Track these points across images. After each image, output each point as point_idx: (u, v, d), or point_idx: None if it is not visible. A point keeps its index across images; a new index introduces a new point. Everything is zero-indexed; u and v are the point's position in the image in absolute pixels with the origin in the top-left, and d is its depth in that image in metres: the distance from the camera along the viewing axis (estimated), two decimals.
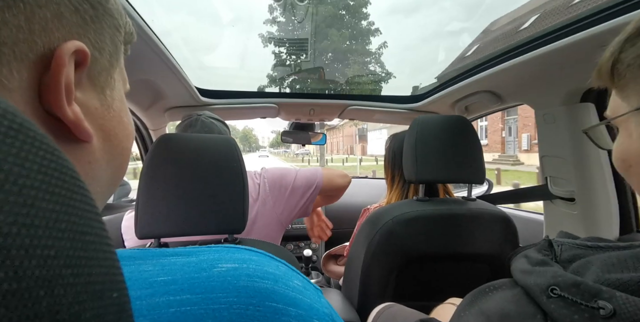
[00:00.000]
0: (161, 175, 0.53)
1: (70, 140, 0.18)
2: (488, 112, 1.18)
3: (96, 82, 0.20)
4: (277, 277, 0.20)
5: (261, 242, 0.62)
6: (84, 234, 0.11)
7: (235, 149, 0.58)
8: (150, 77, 0.87)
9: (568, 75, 0.73)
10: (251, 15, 9.76)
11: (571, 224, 0.87)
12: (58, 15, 0.17)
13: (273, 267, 0.21)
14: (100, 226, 0.12)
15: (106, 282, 0.11)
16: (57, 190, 0.10)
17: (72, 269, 0.10)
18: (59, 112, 0.17)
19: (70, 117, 0.17)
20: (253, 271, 0.19)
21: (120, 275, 0.12)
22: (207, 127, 0.79)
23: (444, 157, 0.79)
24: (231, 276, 0.18)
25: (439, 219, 0.78)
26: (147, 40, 0.65)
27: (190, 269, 0.19)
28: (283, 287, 0.19)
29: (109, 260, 0.12)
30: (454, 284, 0.82)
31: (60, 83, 0.16)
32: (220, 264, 0.19)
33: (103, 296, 0.11)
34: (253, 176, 0.82)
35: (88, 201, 0.11)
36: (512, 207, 1.29)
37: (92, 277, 0.10)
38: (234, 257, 0.20)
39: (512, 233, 0.80)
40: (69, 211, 0.10)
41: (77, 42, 0.17)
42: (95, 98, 0.19)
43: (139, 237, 0.53)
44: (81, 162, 0.19)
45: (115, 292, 0.11)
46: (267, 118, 1.43)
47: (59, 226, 0.10)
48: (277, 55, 3.95)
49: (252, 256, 0.21)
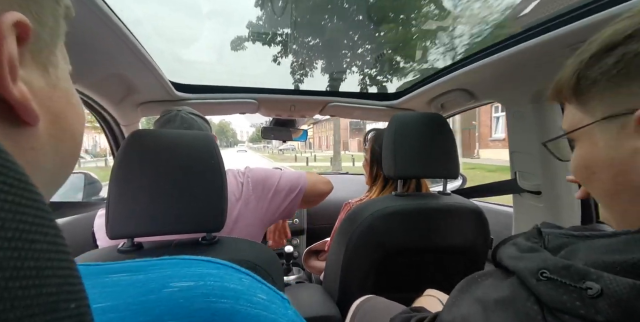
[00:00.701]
0: (134, 172, 0.51)
1: (12, 124, 0.16)
2: (463, 109, 1.22)
3: (38, 59, 0.18)
4: (238, 294, 0.18)
5: (241, 240, 0.61)
6: (34, 242, 0.10)
7: (213, 145, 0.56)
8: (120, 70, 0.83)
9: (536, 74, 0.77)
10: (230, 7, 9.49)
11: (538, 215, 0.93)
12: None
13: (235, 282, 0.19)
14: (54, 232, 0.11)
15: (62, 292, 0.10)
16: (2, 196, 0.09)
17: (20, 281, 0.09)
18: (3, 91, 0.15)
19: (16, 96, 0.15)
20: (211, 289, 0.18)
21: (79, 284, 0.11)
22: (186, 123, 0.76)
23: (422, 153, 0.81)
24: (184, 298, 0.17)
25: (416, 213, 0.80)
26: (115, 30, 0.61)
27: (135, 292, 0.17)
28: (245, 305, 0.18)
29: (65, 269, 0.11)
30: (431, 275, 0.85)
31: (2, 57, 0.15)
32: (172, 282, 0.18)
33: (58, 308, 0.10)
34: (236, 174, 0.80)
35: (39, 206, 0.11)
36: (485, 200, 1.35)
37: (45, 289, 0.10)
38: (190, 273, 0.19)
39: (483, 225, 0.84)
40: (16, 218, 0.10)
41: (16, 13, 0.15)
42: (40, 76, 0.18)
43: (111, 237, 0.51)
44: (23, 149, 0.17)
45: (73, 303, 0.11)
46: (246, 114, 1.41)
47: (3, 235, 0.09)
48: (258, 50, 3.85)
49: (212, 269, 0.20)
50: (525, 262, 0.25)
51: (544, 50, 0.65)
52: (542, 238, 0.27)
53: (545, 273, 0.22)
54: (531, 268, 0.23)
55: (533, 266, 0.24)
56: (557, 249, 0.25)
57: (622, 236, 0.23)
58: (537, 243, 0.27)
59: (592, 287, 0.20)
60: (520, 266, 0.25)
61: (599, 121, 0.27)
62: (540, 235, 0.27)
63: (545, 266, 0.23)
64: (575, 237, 0.25)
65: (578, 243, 0.24)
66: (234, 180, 0.78)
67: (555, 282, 0.22)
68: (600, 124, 0.27)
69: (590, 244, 0.23)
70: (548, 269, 0.22)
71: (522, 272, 0.24)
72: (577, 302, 0.20)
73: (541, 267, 0.23)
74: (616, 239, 0.23)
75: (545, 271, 0.22)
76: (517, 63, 0.74)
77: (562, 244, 0.25)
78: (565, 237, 0.26)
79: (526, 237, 0.28)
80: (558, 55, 0.64)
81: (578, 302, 0.20)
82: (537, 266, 0.23)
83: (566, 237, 0.26)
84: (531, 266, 0.24)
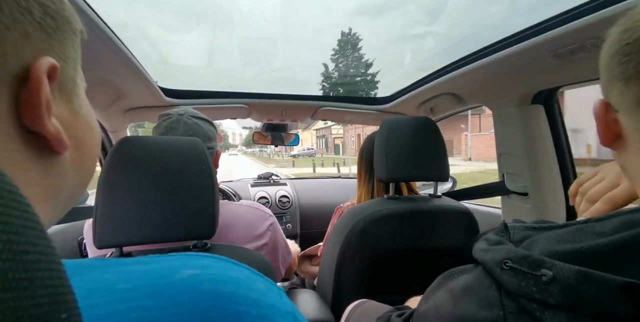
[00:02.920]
0: (121, 180, 0.50)
1: (45, 155, 0.18)
2: (451, 113, 1.25)
3: (64, 91, 0.20)
4: (239, 281, 0.20)
5: (233, 247, 0.60)
6: (26, 253, 0.10)
7: (203, 151, 0.56)
8: (107, 76, 0.82)
9: (521, 78, 0.80)
10: (218, 11, 9.49)
11: (525, 216, 0.95)
12: (25, 34, 0.17)
13: (235, 272, 0.21)
14: (44, 243, 0.11)
15: (53, 303, 0.10)
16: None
17: (12, 292, 0.09)
18: (41, 128, 0.17)
19: (51, 131, 0.17)
20: (215, 276, 0.20)
21: (69, 294, 0.11)
22: (191, 130, 0.67)
23: (412, 156, 0.82)
24: (193, 282, 0.19)
25: (407, 216, 0.81)
26: (100, 34, 0.60)
27: (151, 276, 0.19)
28: (245, 290, 0.20)
29: (56, 279, 0.11)
30: (424, 277, 0.85)
31: (41, 101, 0.17)
32: (181, 270, 0.19)
33: (49, 318, 0.10)
34: (264, 215, 0.73)
35: (29, 217, 0.11)
36: (475, 202, 1.37)
37: (36, 299, 0.10)
38: (196, 264, 0.21)
39: (473, 227, 0.86)
40: (6, 230, 0.10)
41: (49, 58, 0.17)
42: (65, 108, 0.20)
43: (98, 247, 0.49)
44: (50, 174, 0.19)
45: (64, 313, 0.11)
46: (237, 118, 1.40)
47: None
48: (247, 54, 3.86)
49: (214, 262, 0.22)
50: (491, 254, 0.27)
51: (529, 55, 0.67)
52: (508, 232, 0.29)
53: (508, 263, 0.25)
54: (496, 259, 0.26)
55: (498, 257, 0.26)
56: (520, 241, 0.27)
57: (572, 226, 0.25)
58: (503, 237, 0.29)
59: (546, 274, 0.22)
60: (487, 257, 0.27)
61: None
62: (506, 230, 0.30)
63: (509, 256, 0.25)
64: (535, 229, 0.28)
65: (537, 235, 0.27)
66: (261, 218, 0.72)
67: (516, 270, 0.24)
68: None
69: (546, 235, 0.26)
70: (510, 259, 0.25)
71: (489, 263, 0.26)
72: (533, 287, 0.23)
73: (504, 258, 0.25)
74: (568, 229, 0.25)
75: (509, 261, 0.25)
76: (503, 68, 0.76)
77: (525, 237, 0.28)
78: (528, 230, 0.28)
79: (495, 232, 0.30)
80: (542, 60, 0.66)
81: (534, 287, 0.23)
82: (501, 256, 0.26)
83: (528, 230, 0.28)
84: (497, 257, 0.26)
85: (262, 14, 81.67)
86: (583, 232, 0.24)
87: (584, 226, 0.25)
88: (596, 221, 0.24)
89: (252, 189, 1.64)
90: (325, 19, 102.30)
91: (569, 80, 0.75)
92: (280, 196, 1.62)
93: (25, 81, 0.17)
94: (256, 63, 23.00)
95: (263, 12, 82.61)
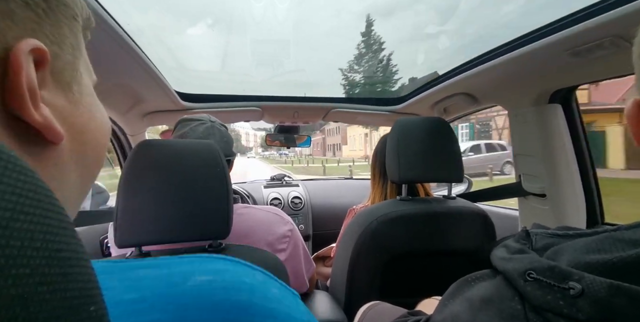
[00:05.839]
0: (141, 182, 0.52)
1: (37, 144, 0.17)
2: (466, 113, 1.23)
3: (61, 78, 0.18)
4: (253, 288, 0.20)
5: (247, 247, 0.61)
6: (60, 251, 0.11)
7: (218, 154, 0.57)
8: (126, 81, 0.85)
9: (537, 77, 0.78)
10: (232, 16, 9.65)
11: (543, 218, 0.92)
12: (8, 13, 0.15)
13: (250, 277, 0.21)
14: (75, 242, 0.12)
15: (83, 296, 0.11)
16: (32, 210, 0.10)
17: (47, 286, 0.10)
18: (27, 117, 0.16)
19: (39, 121, 0.16)
20: (229, 283, 0.19)
21: (96, 289, 0.12)
22: (225, 137, 0.74)
23: (425, 157, 0.81)
24: (206, 290, 0.18)
25: (421, 217, 0.80)
26: (118, 40, 0.63)
27: (161, 284, 0.18)
28: (260, 299, 0.19)
29: (85, 275, 0.12)
30: (437, 280, 0.84)
31: (21, 86, 0.15)
32: (194, 276, 0.19)
33: (80, 310, 0.11)
34: (283, 221, 0.75)
35: (63, 219, 0.12)
36: (491, 203, 1.34)
37: (69, 293, 0.11)
38: (209, 269, 0.20)
39: (489, 229, 0.84)
40: (43, 230, 0.11)
41: (31, 40, 0.16)
42: (62, 96, 0.18)
43: (119, 246, 0.52)
44: (47, 166, 0.17)
45: (93, 306, 0.12)
46: (250, 121, 1.43)
47: (33, 245, 0.10)
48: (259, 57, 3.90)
49: (228, 266, 0.21)
50: (513, 263, 0.25)
51: (546, 53, 0.65)
52: (530, 239, 0.28)
53: (532, 274, 0.23)
54: (519, 269, 0.24)
55: (521, 267, 0.24)
56: (543, 249, 0.26)
57: (600, 234, 0.24)
58: (525, 244, 0.28)
59: (574, 287, 0.21)
60: (509, 267, 0.26)
61: None
62: (528, 237, 0.28)
63: (532, 267, 0.24)
64: (560, 237, 0.26)
65: (562, 243, 0.25)
66: (280, 223, 0.74)
67: (541, 282, 0.23)
68: None
69: (573, 244, 0.24)
70: (535, 270, 0.23)
71: (510, 273, 0.25)
72: (560, 301, 0.21)
73: (528, 269, 0.24)
74: (596, 238, 0.24)
75: (532, 272, 0.23)
76: (518, 67, 0.75)
77: (548, 244, 0.26)
78: (551, 237, 0.27)
79: (516, 239, 0.29)
80: (559, 58, 0.65)
81: (561, 301, 0.21)
82: (525, 267, 0.24)
83: (552, 237, 0.27)
84: (519, 267, 0.24)
85: (275, 17, 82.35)
86: (613, 240, 0.22)
87: (614, 233, 0.23)
88: (627, 229, 0.23)
89: (265, 190, 1.66)
90: (335, 21, 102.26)
91: (586, 78, 0.73)
92: (293, 197, 1.63)
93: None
94: (268, 66, 23.36)
95: (275, 15, 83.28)
